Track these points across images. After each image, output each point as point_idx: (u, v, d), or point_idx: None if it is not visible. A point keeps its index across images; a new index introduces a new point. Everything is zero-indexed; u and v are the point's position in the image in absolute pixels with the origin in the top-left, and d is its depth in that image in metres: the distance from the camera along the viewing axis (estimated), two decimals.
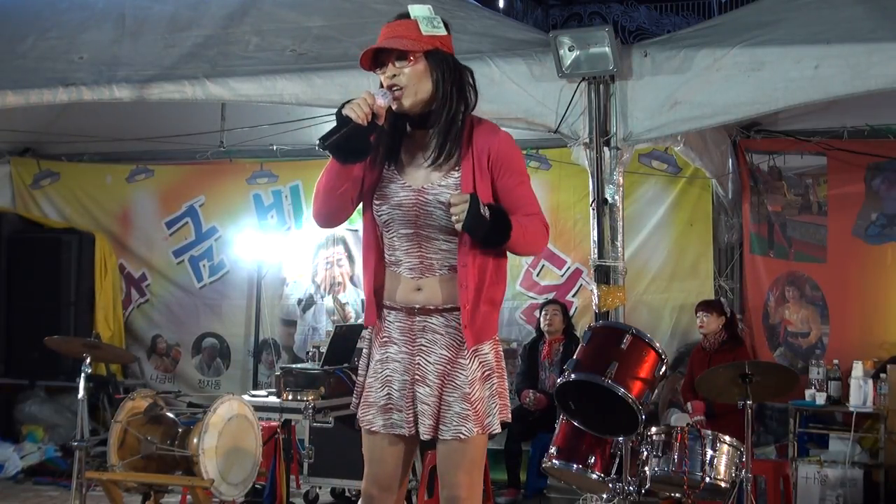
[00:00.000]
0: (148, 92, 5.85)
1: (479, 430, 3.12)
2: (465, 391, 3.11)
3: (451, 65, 3.10)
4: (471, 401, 3.11)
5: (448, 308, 3.15)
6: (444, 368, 3.14)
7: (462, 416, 3.11)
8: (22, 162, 9.38)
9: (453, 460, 3.14)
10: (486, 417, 3.14)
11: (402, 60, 3.04)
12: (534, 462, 6.98)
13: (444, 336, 3.15)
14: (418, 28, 3.06)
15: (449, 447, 3.14)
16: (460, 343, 3.14)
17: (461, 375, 3.13)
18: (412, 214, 3.13)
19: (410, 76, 3.04)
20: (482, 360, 3.15)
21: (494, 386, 3.18)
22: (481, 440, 3.16)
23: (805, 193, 7.49)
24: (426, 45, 3.06)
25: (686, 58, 5.15)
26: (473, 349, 3.13)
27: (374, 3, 5.69)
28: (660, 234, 7.71)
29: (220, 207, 8.97)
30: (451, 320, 3.15)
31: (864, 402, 6.66)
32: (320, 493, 7.01)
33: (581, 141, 5.35)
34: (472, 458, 3.15)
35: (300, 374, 6.34)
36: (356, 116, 2.98)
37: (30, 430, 8.35)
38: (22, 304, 8.66)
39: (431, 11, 3.09)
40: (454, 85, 3.09)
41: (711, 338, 6.86)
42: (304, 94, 5.70)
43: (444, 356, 3.14)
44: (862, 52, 4.82)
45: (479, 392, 3.13)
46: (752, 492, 4.98)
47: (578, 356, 4.66)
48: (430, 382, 3.14)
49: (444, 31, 3.11)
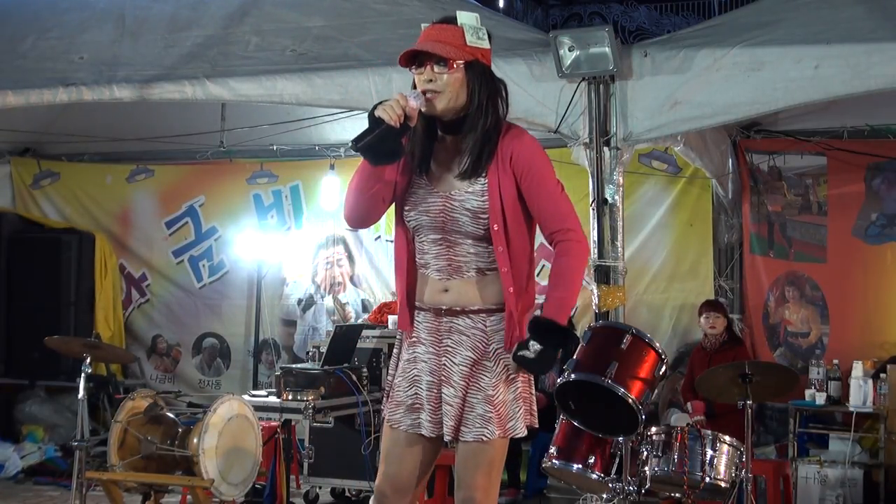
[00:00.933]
0: (148, 92, 5.85)
1: (500, 432, 3.11)
2: (488, 393, 3.11)
3: (488, 77, 3.11)
4: (493, 403, 3.10)
5: (475, 310, 3.15)
6: (468, 370, 3.13)
7: (485, 418, 3.10)
8: (22, 162, 9.38)
9: (473, 462, 3.13)
10: (509, 421, 3.13)
11: (441, 66, 3.03)
12: (534, 462, 6.97)
13: (470, 338, 3.15)
14: (463, 36, 3.05)
15: (469, 448, 3.13)
16: (486, 345, 3.14)
17: (485, 377, 3.13)
18: (439, 220, 3.14)
19: (448, 83, 3.04)
20: (507, 363, 3.14)
21: (518, 390, 3.17)
22: (502, 443, 3.15)
23: (805, 193, 7.49)
24: (468, 56, 3.05)
25: (686, 58, 5.15)
26: (497, 352, 3.13)
27: (374, 3, 5.70)
28: (660, 234, 7.71)
29: (220, 207, 8.97)
30: (478, 322, 3.15)
31: (864, 402, 6.66)
32: (320, 493, 7.01)
33: (581, 141, 5.35)
34: (492, 460, 3.14)
35: (300, 374, 6.34)
36: (389, 118, 2.97)
37: (30, 430, 8.35)
38: (22, 304, 8.67)
39: (478, 21, 3.08)
40: (489, 98, 3.09)
41: (713, 338, 6.86)
42: (304, 94, 5.70)
43: (469, 358, 3.14)
44: (862, 52, 4.81)
45: (503, 395, 3.13)
46: (752, 492, 4.98)
47: (578, 356, 4.65)
48: (454, 384, 3.14)
49: (488, 43, 3.10)
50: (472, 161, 3.08)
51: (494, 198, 3.07)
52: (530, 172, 3.10)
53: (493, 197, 3.07)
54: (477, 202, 3.08)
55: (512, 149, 3.10)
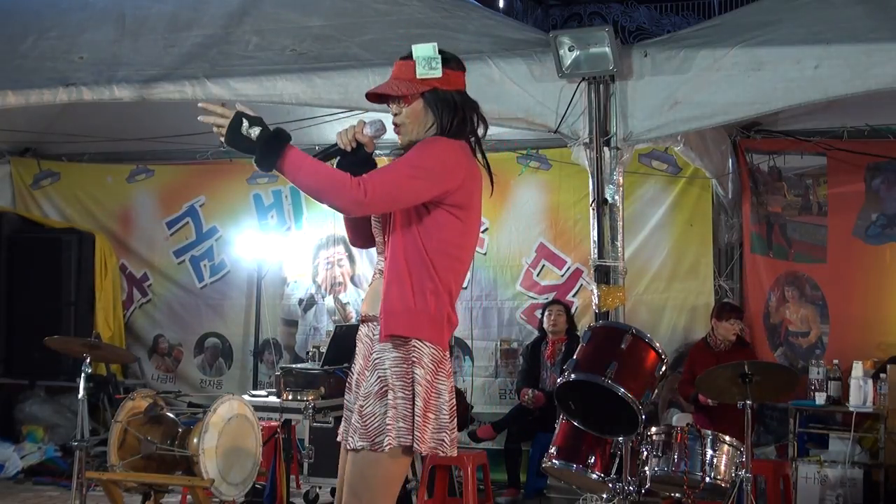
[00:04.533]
0: (148, 92, 5.85)
1: (364, 444, 3.02)
2: (360, 403, 3.09)
3: (450, 103, 3.12)
4: (362, 413, 3.06)
5: (371, 316, 3.17)
6: (361, 377, 3.16)
7: (354, 427, 3.09)
8: (22, 162, 9.38)
9: (349, 470, 3.10)
10: (377, 435, 3.02)
11: (398, 102, 3.13)
12: (534, 462, 6.98)
13: (365, 345, 3.20)
14: (415, 69, 3.10)
15: (347, 456, 3.14)
16: (369, 354, 3.14)
17: (362, 386, 3.12)
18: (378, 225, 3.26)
19: (408, 115, 3.13)
20: (381, 374, 3.06)
21: (395, 403, 3.02)
22: (373, 457, 3.02)
23: (805, 193, 7.49)
24: (420, 87, 3.10)
25: (686, 58, 5.15)
26: (375, 362, 3.07)
27: (373, 3, 5.70)
28: (660, 234, 7.71)
29: (220, 207, 8.98)
30: (372, 329, 3.16)
31: (864, 402, 6.66)
32: (320, 493, 7.01)
33: (581, 141, 5.35)
34: (361, 472, 3.05)
35: (300, 374, 6.34)
36: (341, 142, 3.14)
37: (30, 430, 8.35)
38: (22, 304, 8.67)
39: (434, 50, 3.11)
40: (454, 120, 3.12)
41: (727, 342, 6.87)
42: (304, 94, 5.70)
43: (361, 366, 3.19)
44: (862, 52, 4.82)
45: (373, 406, 3.04)
46: (752, 492, 4.97)
47: (578, 356, 4.67)
48: (353, 391, 3.19)
49: (440, 72, 3.10)
50: None
51: None
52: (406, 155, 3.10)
53: None
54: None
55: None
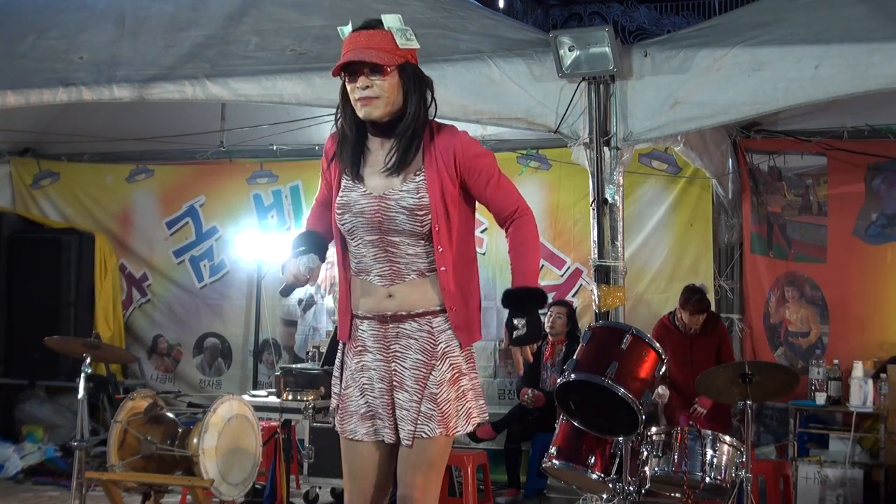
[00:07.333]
0: (148, 92, 5.85)
1: (442, 431, 3.10)
2: (432, 391, 3.11)
3: (419, 78, 3.13)
4: (437, 401, 3.11)
5: (420, 313, 3.15)
6: (421, 373, 3.14)
7: (426, 415, 3.11)
8: (22, 162, 9.38)
9: (414, 459, 3.13)
10: (452, 419, 3.13)
11: (376, 74, 3.04)
12: (534, 462, 6.97)
13: (418, 340, 3.15)
14: (393, 40, 3.06)
15: (410, 446, 3.14)
16: (433, 346, 3.14)
17: (432, 376, 3.13)
18: (376, 221, 3.13)
19: (385, 88, 3.05)
20: (453, 362, 3.15)
21: (463, 388, 3.17)
22: (444, 442, 3.14)
23: (805, 194, 7.49)
24: (400, 59, 3.07)
25: (686, 58, 5.15)
26: (445, 351, 3.14)
27: (373, 3, 5.68)
28: (660, 234, 7.71)
29: (220, 207, 8.98)
30: (424, 324, 3.15)
31: (865, 402, 6.66)
32: (320, 493, 7.02)
33: (581, 141, 5.35)
34: (432, 459, 3.13)
35: (300, 374, 6.34)
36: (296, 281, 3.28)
37: (30, 430, 8.35)
38: (22, 304, 8.66)
39: (402, 21, 3.09)
40: (421, 97, 3.12)
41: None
42: (304, 94, 5.70)
43: (420, 360, 3.15)
44: (862, 52, 4.81)
45: (447, 393, 3.12)
46: (752, 492, 4.98)
47: (578, 356, 4.66)
48: (408, 388, 3.14)
49: (416, 42, 3.11)
50: (398, 156, 3.10)
51: (435, 197, 3.09)
52: (476, 169, 3.14)
53: (434, 196, 3.09)
54: (413, 199, 3.08)
55: (453, 147, 3.12)
